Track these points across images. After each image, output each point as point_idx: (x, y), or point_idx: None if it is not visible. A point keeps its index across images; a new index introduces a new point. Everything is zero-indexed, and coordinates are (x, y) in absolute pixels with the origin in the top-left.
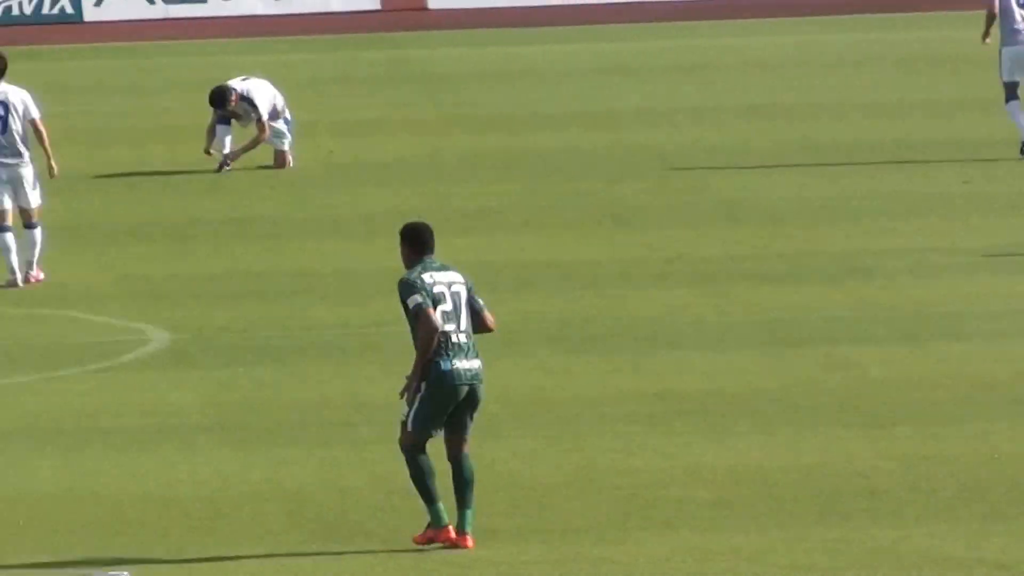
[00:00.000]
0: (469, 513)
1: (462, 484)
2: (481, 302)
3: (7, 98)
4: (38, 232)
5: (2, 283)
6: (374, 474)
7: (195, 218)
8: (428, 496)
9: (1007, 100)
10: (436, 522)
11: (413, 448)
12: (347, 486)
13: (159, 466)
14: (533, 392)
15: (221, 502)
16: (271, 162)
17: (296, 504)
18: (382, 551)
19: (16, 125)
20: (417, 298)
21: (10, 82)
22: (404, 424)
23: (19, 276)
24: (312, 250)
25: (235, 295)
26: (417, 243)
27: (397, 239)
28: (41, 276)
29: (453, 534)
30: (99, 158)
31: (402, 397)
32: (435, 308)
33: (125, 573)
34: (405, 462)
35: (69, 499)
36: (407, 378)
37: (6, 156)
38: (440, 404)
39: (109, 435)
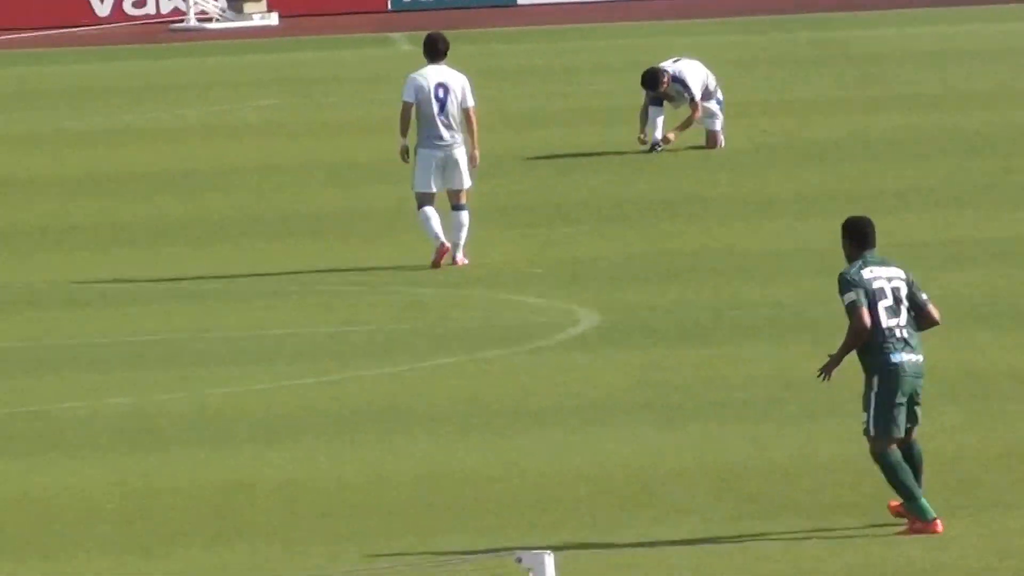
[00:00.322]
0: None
1: (912, 470)
2: (925, 296)
3: (447, 81)
4: (465, 215)
5: (428, 264)
6: (802, 451)
7: (625, 199)
8: (908, 493)
9: None
10: (922, 517)
11: (881, 454)
12: (775, 463)
13: (587, 446)
14: (960, 367)
15: (649, 480)
16: (702, 143)
17: (724, 481)
18: (810, 527)
19: (453, 109)
20: (852, 295)
21: (450, 66)
22: (866, 432)
23: (444, 240)
24: (742, 229)
25: (664, 275)
26: (858, 237)
27: (828, 219)
28: (466, 261)
29: (940, 527)
30: (531, 140)
31: (819, 376)
32: (876, 304)
33: (548, 553)
34: (880, 469)
35: (495, 479)
36: (830, 356)
37: (441, 138)
38: (892, 397)
39: (537, 415)
